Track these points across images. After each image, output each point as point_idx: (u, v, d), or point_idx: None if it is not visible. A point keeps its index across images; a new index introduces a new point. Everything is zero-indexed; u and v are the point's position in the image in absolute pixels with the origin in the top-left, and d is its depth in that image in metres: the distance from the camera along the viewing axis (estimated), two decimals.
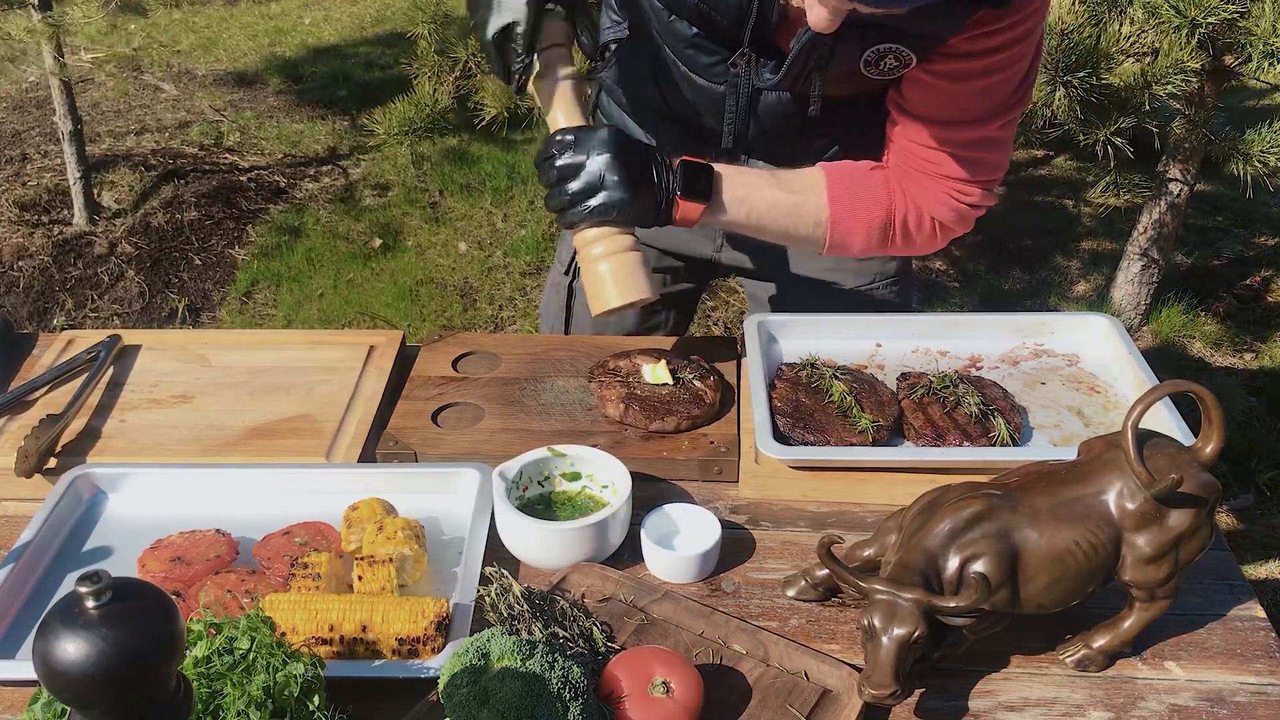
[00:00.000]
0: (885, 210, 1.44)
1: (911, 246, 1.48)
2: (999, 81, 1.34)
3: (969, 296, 3.93)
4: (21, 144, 4.73)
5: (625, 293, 1.33)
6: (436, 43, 3.20)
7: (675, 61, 1.47)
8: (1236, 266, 4.14)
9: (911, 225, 1.45)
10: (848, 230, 1.44)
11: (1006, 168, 1.45)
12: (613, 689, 1.01)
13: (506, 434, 1.41)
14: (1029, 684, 1.10)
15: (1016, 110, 1.39)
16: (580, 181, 1.31)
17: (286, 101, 5.41)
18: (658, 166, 1.34)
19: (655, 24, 1.44)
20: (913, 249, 1.49)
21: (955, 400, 1.39)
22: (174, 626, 0.68)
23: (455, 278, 4.07)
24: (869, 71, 1.33)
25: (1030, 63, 1.36)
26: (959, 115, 1.36)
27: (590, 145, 1.31)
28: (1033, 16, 1.29)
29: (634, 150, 1.33)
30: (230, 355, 1.60)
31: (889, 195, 1.44)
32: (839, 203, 1.43)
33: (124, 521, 1.32)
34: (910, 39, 1.28)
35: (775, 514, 1.33)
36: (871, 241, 1.46)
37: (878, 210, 1.43)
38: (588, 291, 1.36)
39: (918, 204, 1.44)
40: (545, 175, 1.33)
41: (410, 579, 1.20)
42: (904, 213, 1.44)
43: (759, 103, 1.45)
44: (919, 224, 1.45)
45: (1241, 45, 2.73)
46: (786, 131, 1.49)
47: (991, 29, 1.27)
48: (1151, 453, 1.03)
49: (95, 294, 3.88)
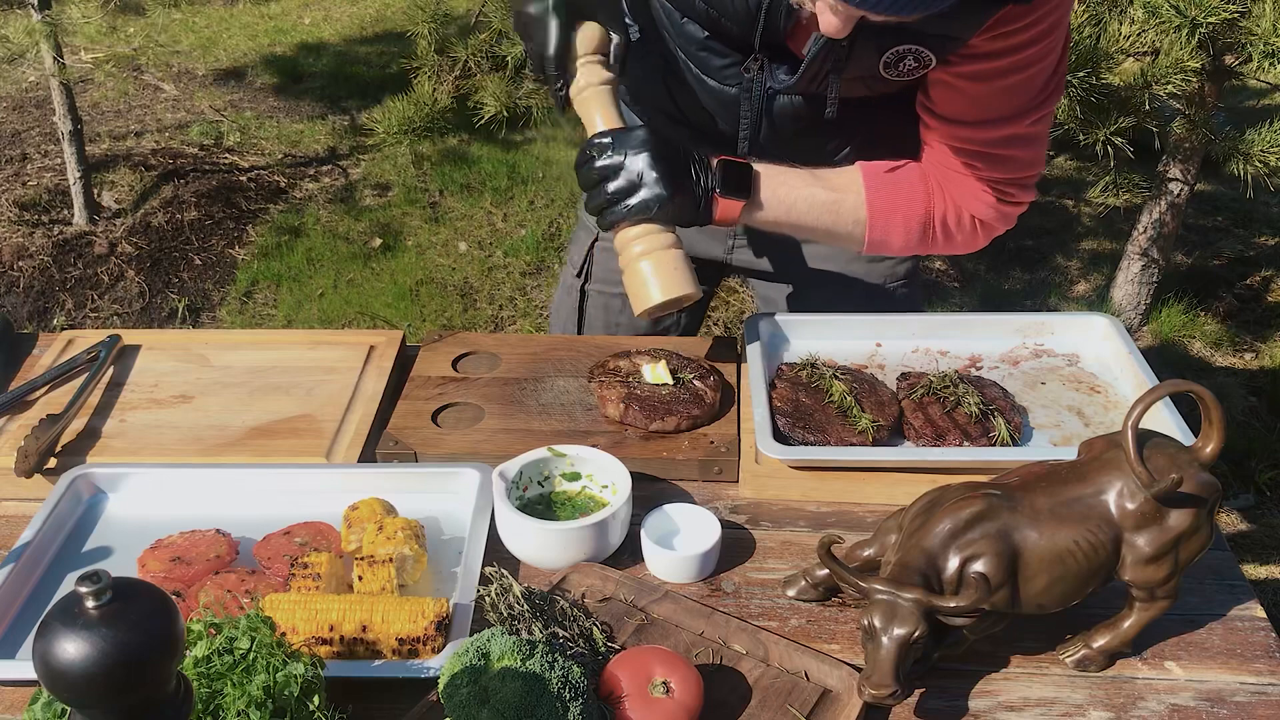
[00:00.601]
0: (924, 208, 1.42)
1: (952, 244, 1.46)
2: (1026, 79, 1.32)
3: (969, 296, 3.93)
4: (21, 144, 4.73)
5: (669, 288, 1.33)
6: (436, 42, 3.20)
7: (688, 64, 1.47)
8: (1236, 266, 4.14)
9: (951, 223, 1.43)
10: (887, 228, 1.43)
11: (1044, 163, 1.43)
12: (613, 689, 1.01)
13: (506, 434, 1.41)
14: (1029, 684, 1.10)
15: (1049, 105, 1.36)
16: (620, 181, 1.31)
17: (286, 101, 5.41)
18: (696, 165, 1.34)
19: (667, 26, 1.44)
20: (954, 247, 1.47)
21: (955, 400, 1.39)
22: (174, 626, 0.68)
23: (455, 278, 4.07)
24: (888, 74, 1.32)
25: (1059, 56, 1.33)
26: (988, 115, 1.35)
27: (628, 145, 1.31)
28: (1057, 10, 1.26)
29: (672, 149, 1.33)
30: (230, 355, 1.60)
31: (927, 193, 1.42)
32: (877, 200, 1.41)
33: (124, 521, 1.32)
34: (929, 40, 1.27)
35: (775, 514, 1.33)
36: (911, 239, 1.44)
37: (916, 208, 1.42)
38: (629, 290, 1.36)
39: (956, 202, 1.42)
40: (585, 178, 1.34)
41: (410, 579, 1.20)
42: (943, 210, 1.43)
43: (773, 105, 1.44)
44: (959, 222, 1.43)
45: (1241, 45, 2.73)
46: (801, 133, 1.48)
47: (1014, 27, 1.25)
48: (1151, 453, 1.03)
49: (95, 294, 3.88)
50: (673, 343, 1.59)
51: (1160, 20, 2.64)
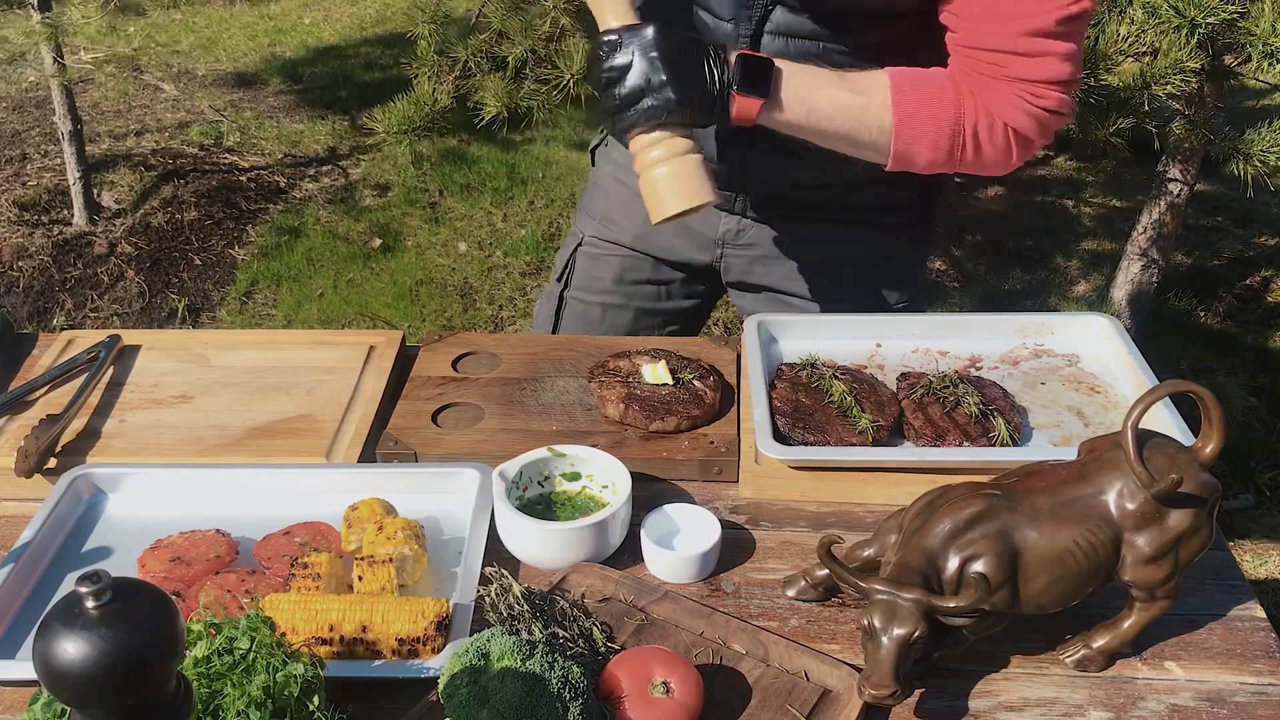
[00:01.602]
0: (954, 115, 1.35)
1: (982, 160, 1.39)
2: None
3: (969, 296, 3.93)
4: (21, 144, 4.73)
5: (685, 198, 1.28)
6: (436, 43, 3.20)
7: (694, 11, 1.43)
8: (1236, 266, 4.14)
9: (983, 133, 1.36)
10: (914, 136, 1.36)
11: (1080, 73, 1.36)
12: (613, 689, 1.01)
13: (506, 434, 1.41)
14: (1029, 684, 1.10)
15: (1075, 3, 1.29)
16: (627, 85, 1.26)
17: (286, 101, 5.41)
18: (712, 61, 1.28)
19: None
20: (983, 164, 1.40)
21: (955, 400, 1.39)
22: (174, 626, 0.68)
23: (455, 278, 4.07)
24: None
25: None
26: (1011, 8, 1.29)
27: (635, 45, 1.26)
28: None
29: (684, 47, 1.27)
30: (230, 355, 1.60)
31: (958, 99, 1.35)
32: (905, 105, 1.35)
33: (124, 521, 1.32)
34: None
35: (775, 514, 1.33)
36: (940, 151, 1.37)
37: (946, 113, 1.35)
38: (646, 200, 1.31)
39: (989, 109, 1.35)
40: (595, 81, 1.28)
41: (410, 579, 1.20)
42: (975, 119, 1.35)
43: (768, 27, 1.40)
44: (991, 131, 1.36)
45: (1241, 45, 2.73)
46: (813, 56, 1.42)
47: None
48: (1151, 453, 1.03)
49: (95, 294, 3.88)
50: (673, 343, 1.59)
51: (1159, 21, 2.64)
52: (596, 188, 1.83)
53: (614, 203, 1.78)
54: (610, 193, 1.79)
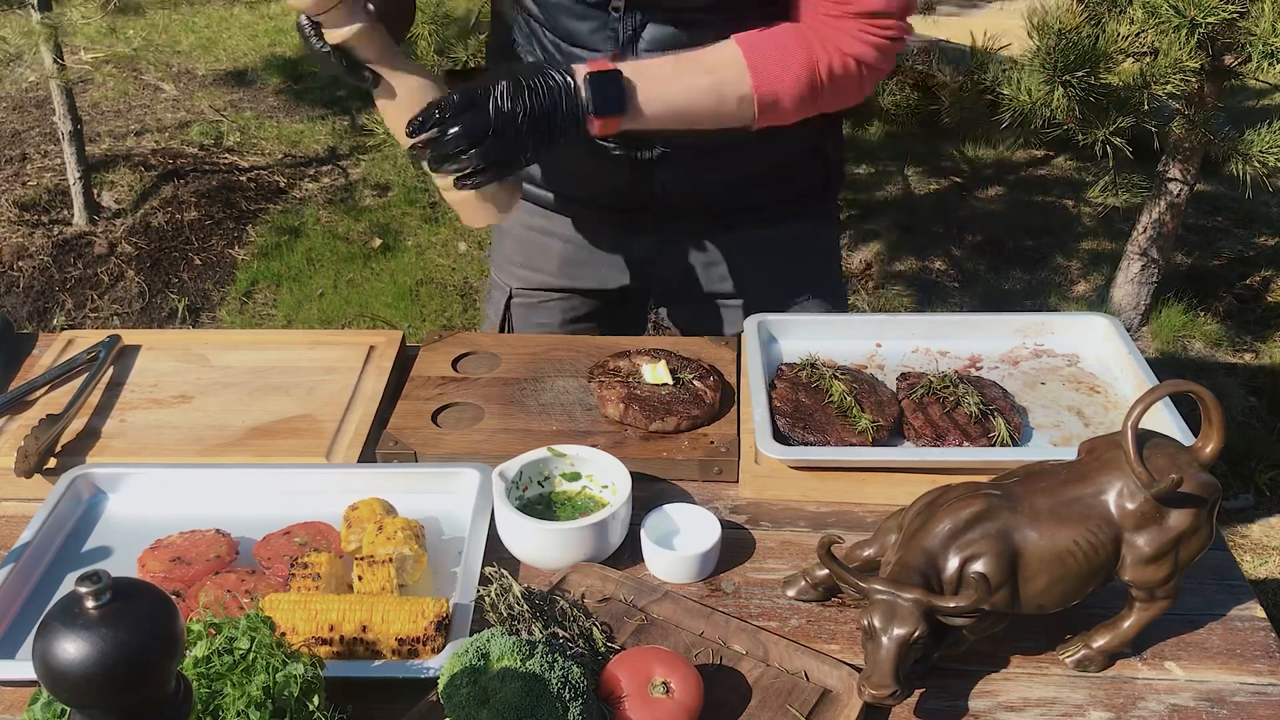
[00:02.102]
0: (807, 59, 1.40)
1: (840, 95, 1.45)
2: None
3: (969, 296, 3.93)
4: (21, 144, 4.73)
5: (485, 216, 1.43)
6: (436, 43, 3.20)
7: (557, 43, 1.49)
8: (1236, 266, 4.14)
9: (837, 70, 1.41)
10: (774, 95, 1.40)
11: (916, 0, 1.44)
12: (613, 689, 1.01)
13: (506, 434, 1.41)
14: (1029, 684, 1.10)
15: None
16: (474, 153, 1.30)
17: (286, 101, 5.41)
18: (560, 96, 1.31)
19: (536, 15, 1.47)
20: (842, 98, 1.46)
21: (955, 400, 1.39)
22: (174, 626, 0.68)
23: (455, 278, 4.07)
24: None
25: None
26: None
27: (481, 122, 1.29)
28: None
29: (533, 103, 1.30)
30: (230, 355, 1.60)
31: (808, 47, 1.40)
32: (759, 66, 1.39)
33: (124, 521, 1.32)
34: None
35: (775, 514, 1.33)
36: (802, 99, 1.42)
37: (799, 59, 1.40)
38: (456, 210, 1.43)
39: (839, 47, 1.40)
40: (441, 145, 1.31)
41: (410, 579, 1.20)
42: (827, 60, 1.40)
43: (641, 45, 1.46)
44: (844, 68, 1.41)
45: (1241, 45, 2.73)
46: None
47: None
48: (1151, 453, 1.03)
49: (95, 294, 3.88)
50: (673, 343, 1.59)
51: (1159, 20, 2.64)
52: (506, 235, 1.81)
53: (531, 249, 1.78)
54: (522, 239, 1.78)
